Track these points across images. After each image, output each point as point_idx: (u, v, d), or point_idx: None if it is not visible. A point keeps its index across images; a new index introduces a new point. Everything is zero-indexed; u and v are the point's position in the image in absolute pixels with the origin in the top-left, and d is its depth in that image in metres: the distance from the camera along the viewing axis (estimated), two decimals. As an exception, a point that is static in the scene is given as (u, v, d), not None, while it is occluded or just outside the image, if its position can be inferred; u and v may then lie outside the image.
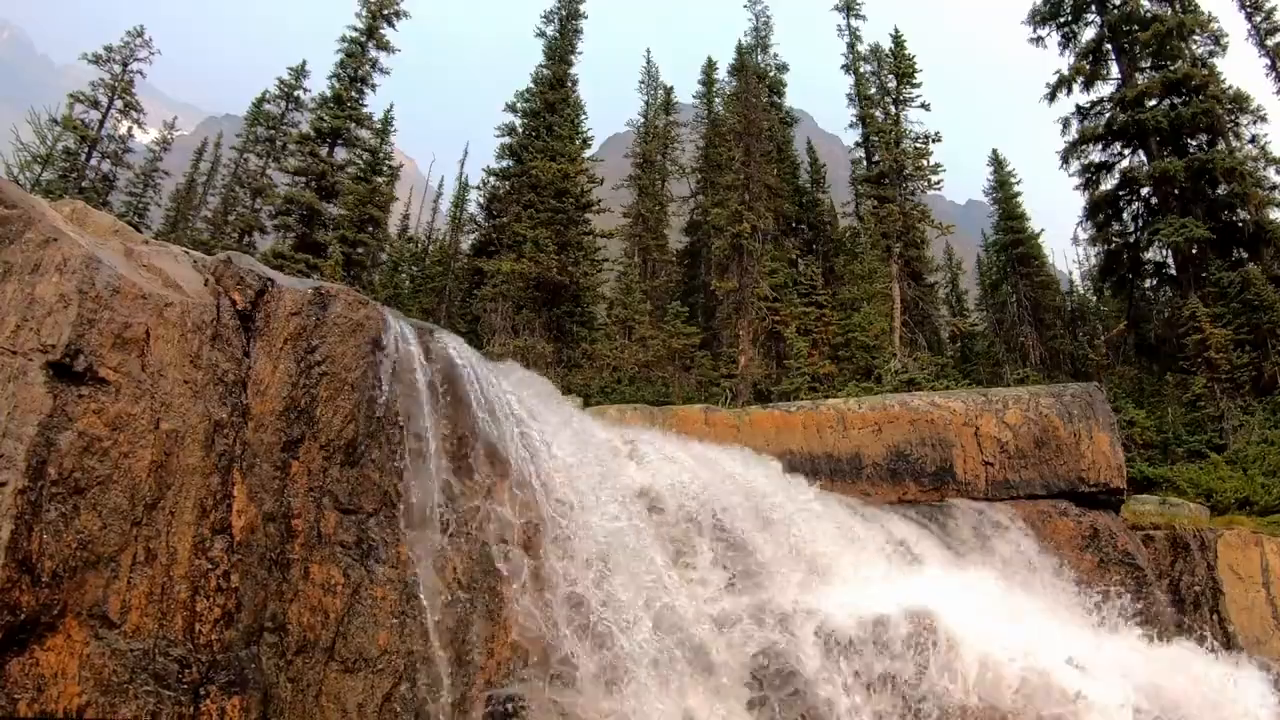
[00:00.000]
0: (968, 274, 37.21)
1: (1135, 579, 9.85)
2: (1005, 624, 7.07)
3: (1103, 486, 10.74)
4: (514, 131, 27.83)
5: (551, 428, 7.39)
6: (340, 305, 5.86)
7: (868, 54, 28.53)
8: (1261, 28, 23.36)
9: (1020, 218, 27.73)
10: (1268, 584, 10.06)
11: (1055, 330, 25.84)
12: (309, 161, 25.24)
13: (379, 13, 26.69)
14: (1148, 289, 24.64)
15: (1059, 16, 25.59)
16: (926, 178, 25.75)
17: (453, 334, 7.14)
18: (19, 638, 4.05)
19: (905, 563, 8.59)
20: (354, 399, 5.67)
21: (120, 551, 4.45)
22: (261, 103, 30.12)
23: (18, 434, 4.19)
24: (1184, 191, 21.49)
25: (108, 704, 4.22)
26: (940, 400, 11.23)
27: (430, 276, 29.58)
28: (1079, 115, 24.82)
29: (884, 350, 21.29)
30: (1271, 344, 18.54)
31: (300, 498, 5.30)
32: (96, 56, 26.55)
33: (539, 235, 23.29)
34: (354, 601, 5.21)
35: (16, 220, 4.75)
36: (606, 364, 21.72)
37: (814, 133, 44.14)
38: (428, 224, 36.81)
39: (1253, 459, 15.77)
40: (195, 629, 4.66)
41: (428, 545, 5.65)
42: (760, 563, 7.32)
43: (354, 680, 5.03)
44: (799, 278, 26.13)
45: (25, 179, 23.32)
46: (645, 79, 35.06)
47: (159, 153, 30.83)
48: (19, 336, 4.41)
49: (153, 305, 5.00)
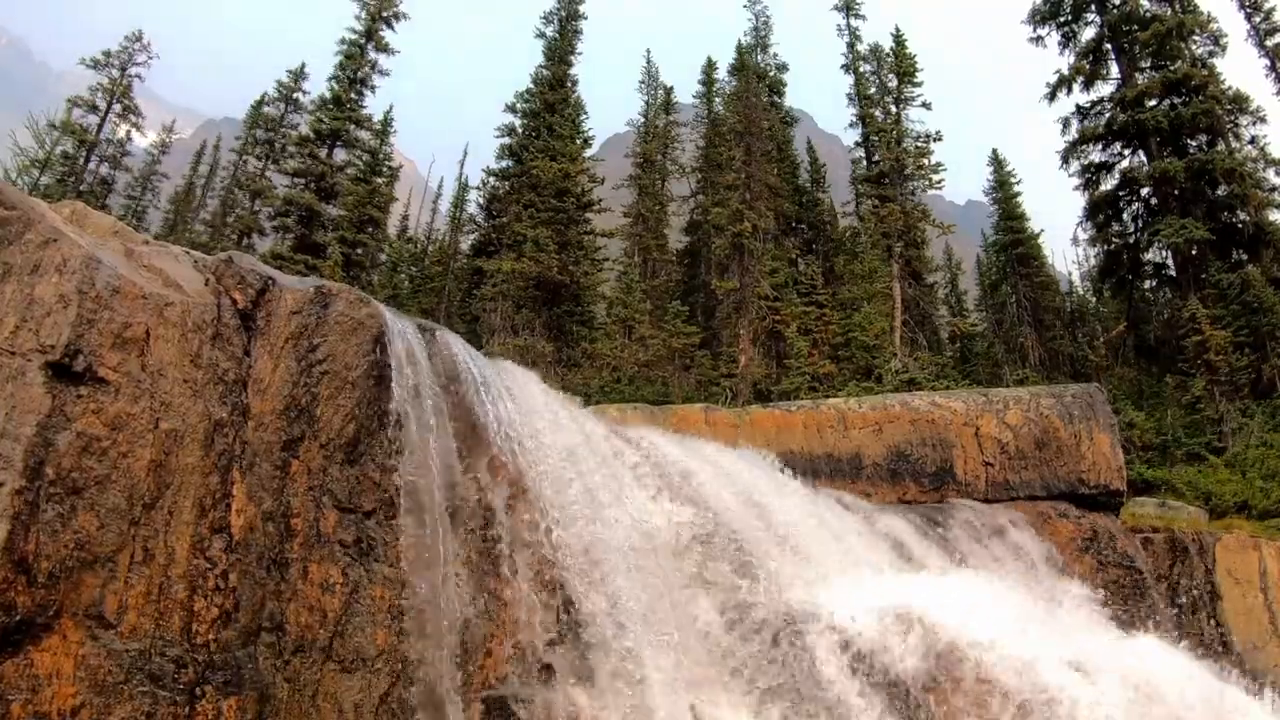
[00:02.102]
0: (968, 274, 37.21)
1: (1134, 582, 9.83)
2: (1004, 626, 7.05)
3: (1103, 488, 10.72)
4: (514, 132, 27.86)
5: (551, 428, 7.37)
6: (341, 304, 5.86)
7: (867, 53, 28.54)
8: (1261, 28, 23.37)
9: (1020, 218, 27.73)
10: (1265, 588, 10.03)
11: (1055, 331, 25.83)
12: (308, 163, 25.25)
13: (378, 15, 26.70)
14: (1147, 290, 24.63)
15: (1059, 16, 25.59)
16: (927, 177, 25.77)
17: (453, 333, 7.14)
18: (14, 638, 4.04)
19: (903, 563, 8.58)
20: (355, 397, 5.66)
21: (118, 551, 4.45)
22: (260, 105, 30.11)
23: (15, 434, 4.18)
24: (1184, 192, 21.48)
25: (103, 705, 4.21)
26: (941, 400, 11.22)
27: (430, 277, 29.59)
28: (1079, 115, 24.82)
29: (884, 350, 21.29)
30: (1271, 346, 18.52)
31: (300, 497, 5.30)
32: (95, 61, 26.57)
33: (539, 235, 23.29)
34: (352, 601, 5.20)
35: (16, 221, 4.75)
36: (606, 363, 21.71)
37: (814, 133, 44.09)
38: (427, 224, 36.86)
39: (1252, 462, 15.74)
40: (192, 629, 4.66)
41: (427, 545, 5.64)
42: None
43: (351, 680, 5.02)
44: (799, 277, 26.13)
45: (23, 183, 23.32)
46: (645, 79, 35.09)
47: (158, 156, 30.89)
48: (18, 337, 4.41)
49: (153, 305, 5.00)
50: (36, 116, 24.91)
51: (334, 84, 26.15)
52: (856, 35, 29.28)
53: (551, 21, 29.54)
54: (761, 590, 6.96)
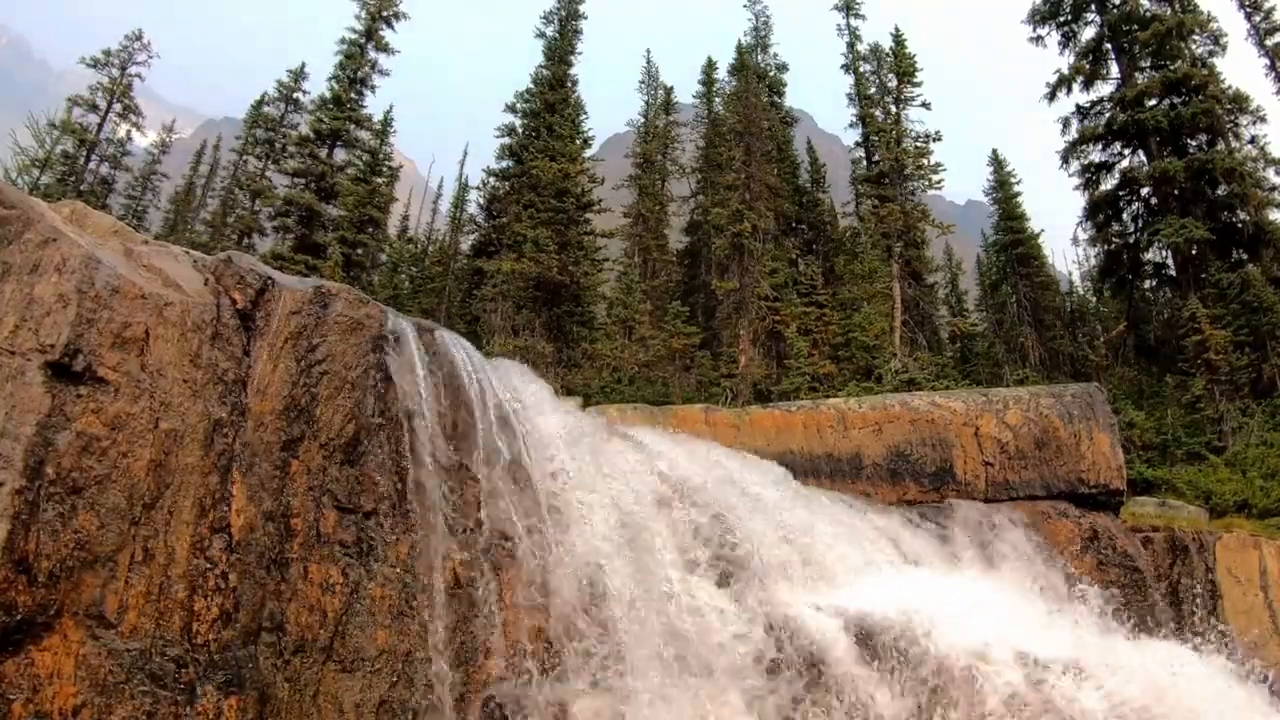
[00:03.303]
0: (968, 274, 37.21)
1: (1134, 581, 9.83)
2: (1003, 627, 7.05)
3: (1103, 488, 10.72)
4: (514, 132, 27.85)
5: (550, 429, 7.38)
6: (341, 304, 5.86)
7: (867, 53, 28.54)
8: (1261, 28, 23.36)
9: (1020, 218, 27.72)
10: (1266, 587, 10.02)
11: (1055, 331, 25.81)
12: (308, 163, 25.24)
13: (378, 14, 26.70)
14: (1147, 290, 24.61)
15: (1059, 16, 25.58)
16: (927, 177, 25.76)
17: (453, 333, 7.14)
18: (14, 638, 4.04)
19: (903, 563, 8.58)
20: (354, 398, 5.66)
21: (118, 551, 4.45)
22: (260, 105, 30.10)
23: (15, 434, 4.18)
24: (1184, 192, 21.47)
25: (104, 704, 4.21)
26: (940, 400, 11.22)
27: (430, 277, 29.59)
28: (1079, 115, 24.81)
29: (884, 350, 21.28)
30: (1271, 346, 18.52)
31: (299, 497, 5.30)
32: (95, 60, 26.55)
33: (539, 235, 23.28)
34: (352, 601, 5.20)
35: (15, 221, 4.75)
36: (606, 364, 21.71)
37: (814, 133, 44.10)
38: (427, 225, 36.85)
39: (1252, 461, 15.73)
40: (193, 629, 4.66)
41: (427, 544, 5.64)
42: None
43: (352, 680, 5.02)
44: (799, 277, 26.12)
45: (23, 182, 23.31)
46: (645, 79, 35.11)
47: (158, 155, 30.89)
48: (17, 336, 4.41)
49: (152, 305, 5.00)
50: (37, 116, 24.92)
51: (334, 84, 26.15)
52: (856, 35, 29.31)
53: (551, 21, 29.55)
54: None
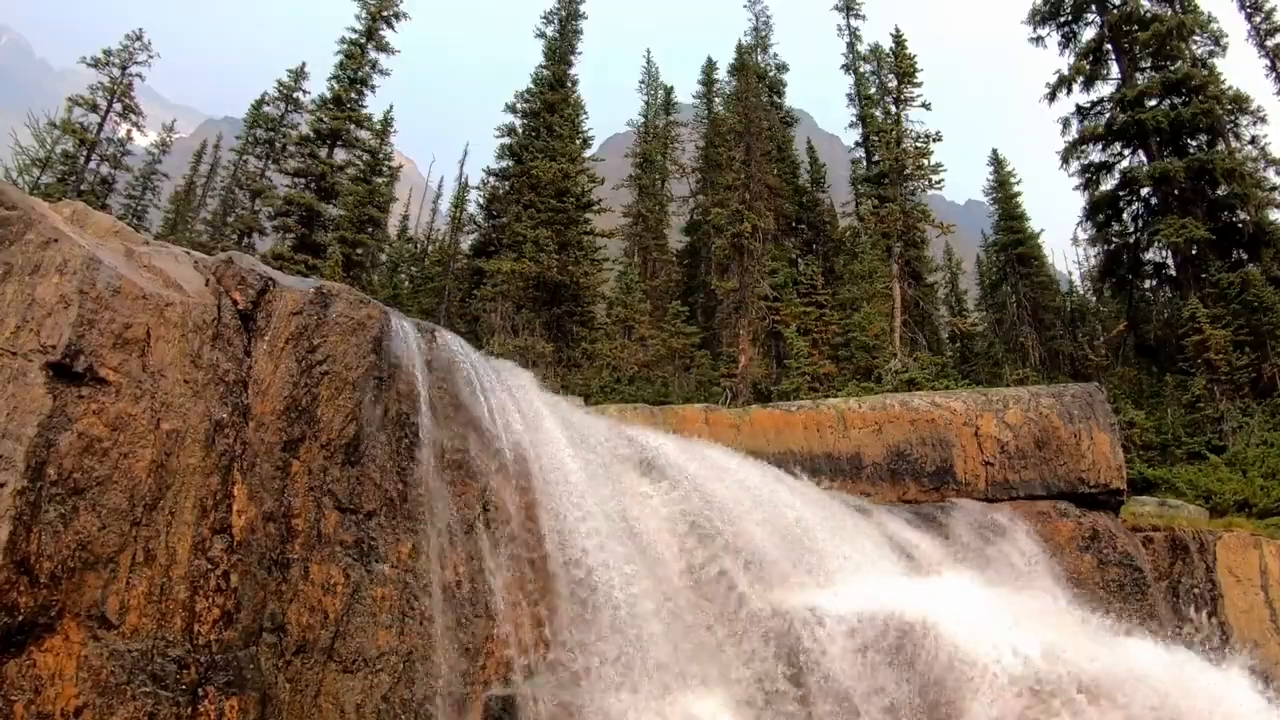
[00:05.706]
0: (968, 274, 37.20)
1: (1135, 581, 9.83)
2: (1004, 628, 7.04)
3: (1103, 487, 10.72)
4: (514, 132, 27.87)
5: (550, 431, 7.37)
6: (342, 304, 5.86)
7: (867, 54, 28.59)
8: (1261, 28, 23.38)
9: (1020, 218, 27.75)
10: (1266, 586, 10.04)
11: (1055, 330, 25.82)
12: (308, 163, 25.24)
13: (378, 14, 26.68)
14: (1147, 289, 24.61)
15: (1059, 16, 25.60)
16: (927, 177, 25.72)
17: (453, 334, 7.14)
18: (16, 639, 4.04)
19: (904, 563, 8.58)
20: (355, 398, 5.67)
21: (119, 552, 4.45)
22: (261, 105, 30.04)
23: (17, 435, 4.18)
24: (1184, 192, 21.49)
25: (105, 705, 4.21)
26: (940, 400, 11.22)
27: (430, 277, 29.59)
28: (1079, 115, 24.83)
29: (884, 350, 21.26)
30: (1271, 345, 18.52)
31: (300, 497, 5.30)
32: (95, 60, 26.49)
33: (539, 235, 23.29)
34: (353, 601, 5.20)
35: (17, 222, 4.75)
36: (606, 364, 21.70)
37: (814, 133, 44.06)
38: (427, 224, 36.88)
39: (1252, 461, 15.74)
40: (194, 629, 4.66)
41: (428, 544, 5.64)
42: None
43: (353, 680, 5.02)
44: (799, 277, 26.09)
45: (23, 182, 23.28)
46: (645, 79, 35.13)
47: (158, 155, 30.82)
48: (19, 337, 4.41)
49: (153, 305, 5.00)
50: (37, 115, 24.86)
51: (334, 84, 26.13)
52: (857, 35, 29.36)
53: (551, 21, 29.56)
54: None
